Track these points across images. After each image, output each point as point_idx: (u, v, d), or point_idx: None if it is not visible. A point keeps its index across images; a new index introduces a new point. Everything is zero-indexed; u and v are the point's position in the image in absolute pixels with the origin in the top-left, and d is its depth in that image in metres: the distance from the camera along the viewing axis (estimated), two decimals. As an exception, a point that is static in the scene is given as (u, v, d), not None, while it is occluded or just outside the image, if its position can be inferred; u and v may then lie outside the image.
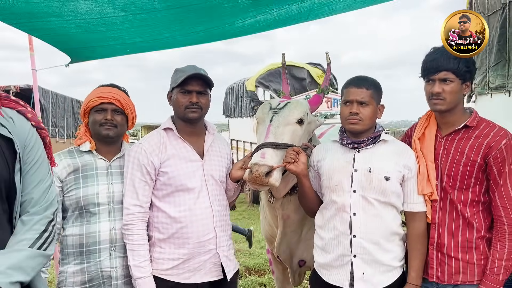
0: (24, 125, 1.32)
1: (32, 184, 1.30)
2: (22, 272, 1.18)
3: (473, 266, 1.82)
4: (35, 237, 1.26)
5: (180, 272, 1.90)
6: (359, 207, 1.81)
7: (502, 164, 1.77)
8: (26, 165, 1.29)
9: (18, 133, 1.29)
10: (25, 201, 1.29)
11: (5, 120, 1.27)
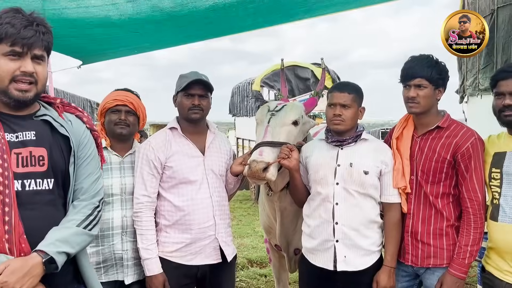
0: (79, 126, 1.58)
1: (83, 176, 1.55)
2: (68, 245, 1.42)
3: (443, 251, 2.05)
4: (82, 219, 1.50)
5: (183, 254, 2.15)
6: (341, 198, 2.05)
7: (468, 161, 1.99)
8: (79, 160, 1.54)
9: (74, 133, 1.54)
10: (76, 190, 1.54)
11: (65, 122, 1.54)
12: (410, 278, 2.17)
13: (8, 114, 1.45)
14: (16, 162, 1.40)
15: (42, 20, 1.47)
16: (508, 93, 1.90)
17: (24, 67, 1.41)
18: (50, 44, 1.49)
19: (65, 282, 1.50)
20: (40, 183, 1.44)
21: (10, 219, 1.34)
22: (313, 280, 2.17)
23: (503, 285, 1.89)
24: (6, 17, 1.40)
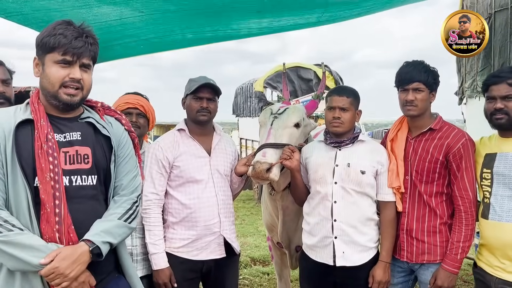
0: (119, 128, 1.73)
1: (123, 173, 1.70)
2: (111, 236, 1.56)
3: (437, 248, 2.15)
4: (122, 212, 1.64)
5: (189, 250, 2.26)
6: (339, 196, 2.16)
7: (460, 161, 2.09)
8: (119, 158, 1.68)
9: (115, 134, 1.69)
10: (117, 186, 1.68)
11: (106, 123, 1.69)
12: (405, 274, 2.27)
13: (57, 116, 1.60)
14: (64, 160, 1.54)
15: (90, 31, 1.61)
16: (499, 97, 2.00)
17: (73, 74, 1.55)
18: (96, 54, 1.63)
19: (107, 271, 1.64)
20: (85, 179, 1.58)
21: (60, 211, 1.48)
22: (313, 275, 2.28)
23: (494, 280, 1.99)
24: (59, 29, 1.54)
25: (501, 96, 1.99)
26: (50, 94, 1.56)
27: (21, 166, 1.47)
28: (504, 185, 1.96)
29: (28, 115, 1.55)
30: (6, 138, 1.49)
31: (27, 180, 1.47)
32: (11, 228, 1.43)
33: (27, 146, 1.50)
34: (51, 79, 1.54)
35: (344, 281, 2.20)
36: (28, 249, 1.42)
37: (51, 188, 1.47)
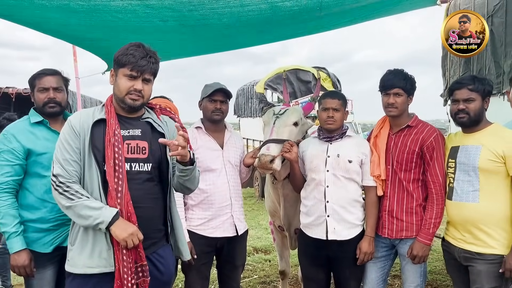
0: (172, 126, 2.11)
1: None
2: None
3: (413, 225, 2.57)
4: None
5: (206, 228, 2.69)
6: (331, 182, 2.59)
7: (432, 151, 2.52)
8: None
9: (169, 131, 2.10)
10: (171, 173, 2.10)
11: (161, 122, 2.11)
12: (387, 249, 2.69)
13: (124, 116, 2.03)
14: (127, 150, 1.96)
15: (154, 53, 2.02)
16: (462, 100, 2.42)
17: (136, 86, 1.97)
18: (156, 71, 2.04)
19: (157, 239, 2.06)
20: (142, 166, 2.00)
21: (121, 189, 1.89)
22: (309, 249, 2.71)
23: (457, 250, 2.42)
24: (131, 49, 1.97)
25: (463, 99, 2.41)
26: (119, 99, 1.99)
27: (94, 154, 1.91)
28: (464, 171, 2.39)
29: (102, 115, 1.98)
30: (85, 133, 1.93)
31: (98, 165, 1.91)
32: (80, 196, 1.87)
33: (100, 139, 1.93)
34: (120, 88, 1.97)
35: (335, 254, 2.63)
36: (96, 208, 1.85)
37: (114, 172, 1.89)
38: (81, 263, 1.90)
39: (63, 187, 1.87)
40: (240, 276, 2.98)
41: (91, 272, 1.90)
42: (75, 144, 1.92)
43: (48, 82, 2.47)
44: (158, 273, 2.03)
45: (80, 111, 2.05)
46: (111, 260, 1.90)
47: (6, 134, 2.38)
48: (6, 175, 2.32)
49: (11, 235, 2.27)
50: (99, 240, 1.91)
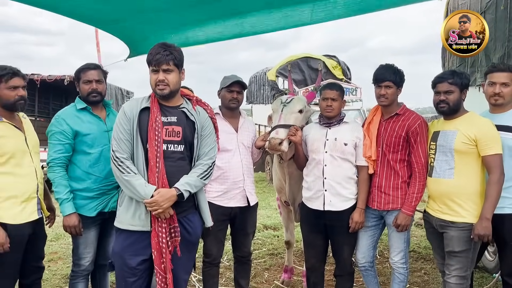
0: (204, 115, 2.54)
1: (203, 146, 2.50)
2: (191, 187, 2.39)
3: (398, 199, 2.98)
4: (200, 172, 2.46)
5: (222, 199, 3.15)
6: (329, 161, 3.03)
7: (416, 136, 2.92)
8: (202, 136, 2.49)
9: (200, 119, 2.50)
10: (199, 154, 2.51)
11: (195, 112, 2.50)
12: (377, 219, 3.12)
13: (165, 105, 2.45)
14: (165, 133, 2.40)
15: (170, 47, 2.40)
16: (442, 92, 2.81)
17: (159, 77, 2.39)
18: (175, 60, 2.39)
19: (187, 207, 2.50)
20: (176, 147, 2.43)
21: (159, 165, 2.35)
22: (309, 218, 3.16)
23: (434, 219, 2.84)
24: (151, 50, 2.39)
25: (444, 91, 2.80)
26: (153, 91, 2.43)
27: (140, 136, 2.36)
28: (442, 153, 2.79)
29: (147, 104, 2.42)
30: (134, 118, 2.38)
31: (143, 145, 2.36)
32: (129, 171, 2.33)
33: (145, 124, 2.38)
34: (151, 82, 2.42)
35: (331, 223, 3.08)
36: (138, 186, 2.30)
37: (155, 151, 2.34)
38: (126, 221, 2.39)
39: (118, 161, 2.34)
40: (251, 243, 3.45)
41: (133, 229, 2.38)
42: (127, 127, 2.37)
43: (91, 75, 2.93)
44: (187, 234, 2.48)
45: (131, 100, 2.50)
46: (148, 222, 2.37)
47: (57, 118, 2.86)
48: (58, 152, 2.80)
49: (63, 201, 2.76)
50: (139, 206, 2.37)
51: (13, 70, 2.57)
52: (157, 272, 2.35)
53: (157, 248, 2.33)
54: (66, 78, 10.07)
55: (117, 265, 2.43)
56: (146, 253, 2.37)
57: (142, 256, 2.38)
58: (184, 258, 2.47)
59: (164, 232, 2.34)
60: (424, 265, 4.50)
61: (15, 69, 2.60)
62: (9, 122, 2.62)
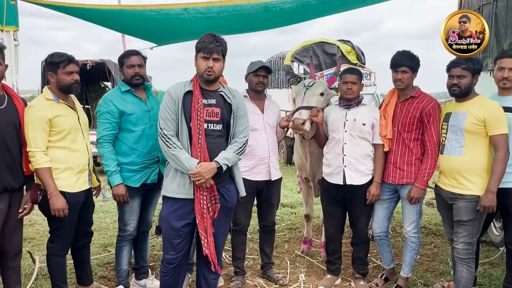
0: (239, 98, 2.82)
1: (238, 125, 2.75)
2: (228, 161, 2.66)
3: (412, 174, 3.27)
4: (236, 148, 2.71)
5: (249, 174, 3.46)
6: (348, 140, 3.32)
7: (429, 117, 3.19)
8: (237, 117, 2.75)
9: (235, 102, 2.75)
10: (234, 132, 2.75)
11: (231, 95, 2.75)
12: (392, 193, 3.41)
13: (205, 89, 2.72)
14: (206, 114, 2.68)
15: (221, 38, 2.69)
16: (455, 76, 3.05)
17: (208, 64, 2.65)
18: (224, 51, 2.66)
19: (225, 178, 2.79)
20: (215, 125, 2.71)
21: (201, 142, 2.64)
22: (329, 192, 3.48)
23: (444, 193, 3.12)
24: (203, 38, 2.67)
25: (457, 75, 3.04)
26: (199, 75, 2.71)
27: (184, 115, 2.65)
28: (453, 132, 3.05)
29: (190, 87, 2.70)
30: (179, 99, 2.66)
31: (187, 124, 2.66)
32: (175, 147, 2.63)
33: (188, 105, 2.66)
34: (199, 67, 2.68)
35: (349, 196, 3.39)
36: (183, 159, 2.61)
37: (197, 129, 2.64)
38: (171, 190, 2.71)
39: (165, 138, 2.64)
40: (275, 213, 3.78)
41: (178, 197, 2.70)
42: (173, 107, 2.66)
43: (134, 60, 3.24)
44: (225, 201, 2.79)
45: (176, 83, 2.78)
46: (191, 191, 2.68)
47: (105, 99, 3.18)
48: (106, 130, 3.13)
49: (112, 173, 3.10)
50: (184, 177, 2.68)
51: (69, 57, 2.89)
52: (201, 235, 2.68)
53: (200, 213, 2.66)
54: (88, 62, 10.39)
55: (164, 229, 2.77)
56: (189, 217, 2.70)
57: (186, 220, 2.70)
58: (222, 223, 2.80)
59: (205, 200, 2.66)
60: (434, 240, 4.79)
61: (71, 56, 2.91)
62: (65, 103, 2.95)
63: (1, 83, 2.79)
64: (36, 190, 2.90)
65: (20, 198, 2.87)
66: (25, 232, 3.16)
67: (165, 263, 2.78)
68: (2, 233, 2.78)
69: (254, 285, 3.64)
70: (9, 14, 4.78)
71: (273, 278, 3.69)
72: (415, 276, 3.69)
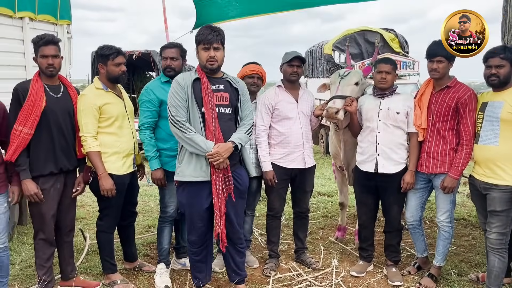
0: (242, 84, 3.01)
1: (244, 109, 2.96)
2: (241, 141, 2.87)
3: (446, 164, 3.27)
4: (245, 130, 2.93)
5: (284, 161, 3.58)
6: (382, 129, 3.36)
7: (465, 107, 3.17)
8: (242, 101, 2.95)
9: (241, 87, 2.97)
10: (242, 116, 2.98)
11: (236, 81, 2.97)
12: (425, 182, 3.43)
13: (211, 76, 2.91)
14: (216, 99, 2.87)
15: (218, 28, 2.87)
16: (494, 66, 3.00)
17: (210, 54, 2.83)
18: (222, 39, 2.87)
19: (236, 162, 2.98)
20: (225, 109, 2.90)
21: (215, 125, 2.82)
22: (362, 180, 3.54)
23: (479, 183, 3.11)
24: (201, 31, 2.85)
25: (495, 65, 3.00)
26: (202, 66, 2.87)
27: (196, 101, 2.82)
28: (489, 122, 3.03)
29: (197, 75, 2.87)
30: (188, 87, 2.82)
31: (198, 109, 2.82)
32: (190, 131, 2.78)
33: (198, 91, 2.82)
34: (201, 58, 2.84)
35: (382, 185, 3.44)
36: (200, 142, 2.76)
37: (210, 113, 2.80)
38: (188, 174, 2.87)
39: (178, 124, 2.80)
40: (309, 200, 3.90)
41: (195, 180, 2.86)
42: (182, 94, 2.82)
43: (168, 53, 3.43)
44: (237, 183, 2.96)
45: (181, 74, 2.97)
46: (208, 172, 2.84)
47: (146, 89, 3.40)
48: (147, 117, 3.34)
49: (152, 158, 3.33)
50: (200, 159, 2.84)
51: (117, 50, 3.12)
52: (216, 214, 2.87)
53: (215, 194, 2.83)
54: (134, 53, 10.82)
55: (187, 213, 3.00)
56: (208, 202, 2.89)
57: (205, 204, 2.89)
58: (236, 203, 2.95)
59: (220, 181, 2.84)
60: (472, 231, 4.74)
61: (119, 49, 3.14)
62: (113, 91, 3.20)
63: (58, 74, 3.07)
64: (87, 172, 3.17)
65: (73, 179, 3.16)
66: (76, 212, 3.45)
67: (191, 244, 3.02)
68: (58, 210, 3.07)
69: (288, 268, 3.78)
70: (63, 8, 5.14)
71: (306, 262, 3.82)
72: (449, 266, 3.69)
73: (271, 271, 3.64)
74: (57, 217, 3.10)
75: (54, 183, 3.01)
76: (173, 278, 3.51)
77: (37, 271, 3.12)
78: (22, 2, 4.33)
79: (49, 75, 2.97)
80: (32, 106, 2.85)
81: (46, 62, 2.92)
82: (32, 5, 4.50)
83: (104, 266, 3.41)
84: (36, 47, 2.94)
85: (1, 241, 2.89)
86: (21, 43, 4.40)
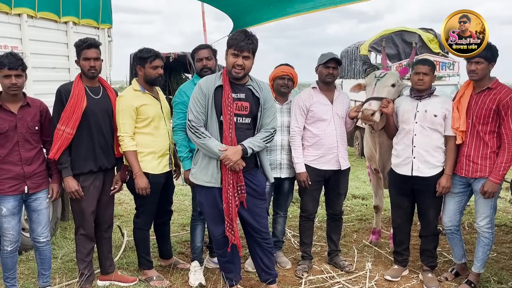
0: (266, 90, 3.00)
1: (266, 117, 2.94)
2: (253, 146, 2.87)
3: (486, 168, 3.16)
4: (263, 137, 2.93)
5: (318, 163, 3.57)
6: (418, 131, 3.29)
7: (507, 109, 3.06)
8: (264, 109, 2.92)
9: (263, 95, 2.93)
10: (262, 123, 2.97)
11: (259, 88, 2.95)
12: (464, 186, 3.32)
13: (234, 83, 2.91)
14: (236, 108, 2.87)
15: (253, 36, 2.84)
16: None
17: (238, 62, 2.81)
18: (254, 49, 2.85)
19: (251, 164, 2.98)
20: (244, 119, 2.91)
21: (232, 135, 2.83)
22: (397, 183, 3.48)
23: (520, 186, 3.00)
24: (235, 35, 2.84)
25: None
26: (228, 71, 2.87)
27: (216, 109, 2.83)
28: None
29: (220, 82, 2.87)
30: (210, 94, 2.84)
31: (217, 117, 2.84)
32: (205, 136, 2.81)
33: (219, 99, 2.83)
34: (228, 63, 2.84)
35: (417, 188, 3.37)
36: (213, 147, 2.79)
37: (228, 123, 2.81)
38: (200, 178, 2.92)
39: (194, 129, 2.83)
40: (343, 202, 3.86)
41: (206, 185, 2.91)
42: (202, 101, 2.84)
43: (202, 54, 3.49)
44: (253, 185, 2.97)
45: (206, 77, 2.96)
46: (219, 179, 2.87)
47: (180, 91, 3.47)
48: (180, 119, 3.40)
49: (184, 159, 3.39)
50: (212, 165, 2.87)
51: (155, 53, 3.21)
52: (226, 221, 2.90)
53: (226, 202, 2.86)
54: (171, 55, 11.06)
55: (205, 214, 3.06)
56: (220, 206, 2.91)
57: (219, 206, 2.91)
58: (254, 204, 2.98)
59: (231, 189, 2.85)
60: (515, 239, 4.55)
61: (157, 52, 3.23)
62: (150, 93, 3.29)
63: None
64: (124, 171, 3.28)
65: (112, 177, 3.28)
66: (115, 209, 3.58)
67: (216, 246, 3.07)
68: (97, 207, 3.19)
69: (321, 270, 3.77)
70: (104, 13, 5.34)
71: (339, 264, 3.78)
72: (488, 273, 3.56)
73: (304, 272, 3.63)
74: (97, 214, 3.22)
75: (94, 181, 3.13)
76: (206, 276, 3.56)
77: (78, 265, 3.26)
78: (67, 7, 4.54)
79: (91, 77, 3.09)
80: (74, 107, 2.98)
81: (88, 65, 3.04)
82: (75, 10, 4.71)
83: (140, 262, 3.51)
84: (79, 50, 3.07)
85: (43, 235, 3.04)
86: (65, 47, 4.61)
